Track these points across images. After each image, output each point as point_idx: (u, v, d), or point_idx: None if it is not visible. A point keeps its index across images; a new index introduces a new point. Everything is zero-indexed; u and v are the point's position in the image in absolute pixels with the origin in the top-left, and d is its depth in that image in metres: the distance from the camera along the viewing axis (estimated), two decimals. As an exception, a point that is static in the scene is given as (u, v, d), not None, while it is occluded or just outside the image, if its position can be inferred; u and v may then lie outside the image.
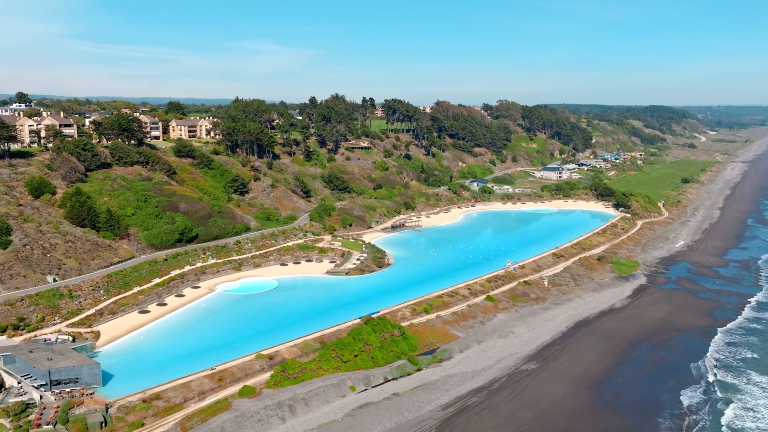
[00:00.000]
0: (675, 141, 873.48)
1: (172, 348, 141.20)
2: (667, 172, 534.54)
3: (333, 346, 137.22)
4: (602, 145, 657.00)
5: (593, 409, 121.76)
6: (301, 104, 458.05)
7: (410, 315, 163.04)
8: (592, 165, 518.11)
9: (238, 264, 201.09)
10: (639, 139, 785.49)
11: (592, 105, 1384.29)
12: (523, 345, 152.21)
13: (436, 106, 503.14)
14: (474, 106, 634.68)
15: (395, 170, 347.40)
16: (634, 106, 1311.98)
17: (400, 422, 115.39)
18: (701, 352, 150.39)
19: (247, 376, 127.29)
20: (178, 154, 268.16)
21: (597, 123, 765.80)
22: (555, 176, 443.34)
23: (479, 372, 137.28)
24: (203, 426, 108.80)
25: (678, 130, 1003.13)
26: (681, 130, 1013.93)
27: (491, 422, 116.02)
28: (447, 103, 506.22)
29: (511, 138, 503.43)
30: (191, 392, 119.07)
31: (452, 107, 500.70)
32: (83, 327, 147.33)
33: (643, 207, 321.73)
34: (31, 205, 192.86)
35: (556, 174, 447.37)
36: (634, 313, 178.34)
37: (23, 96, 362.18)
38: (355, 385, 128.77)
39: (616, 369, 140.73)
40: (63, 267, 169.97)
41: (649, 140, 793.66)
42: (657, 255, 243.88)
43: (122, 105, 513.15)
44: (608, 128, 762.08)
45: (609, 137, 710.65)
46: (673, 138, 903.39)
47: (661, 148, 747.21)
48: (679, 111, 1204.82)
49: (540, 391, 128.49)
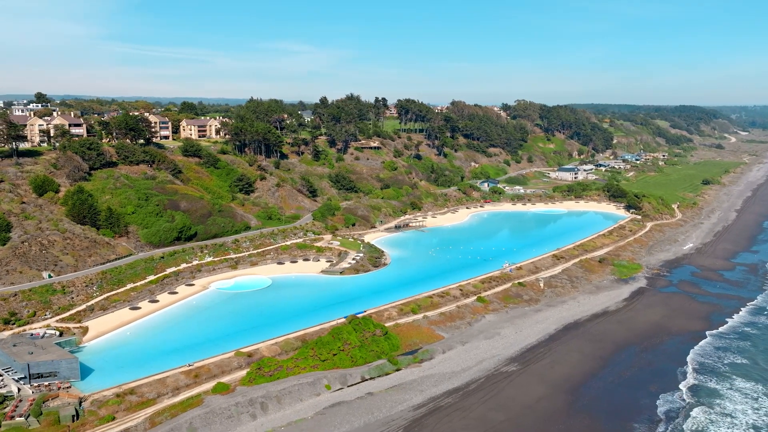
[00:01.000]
0: (702, 142, 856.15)
1: (156, 344, 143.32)
2: (689, 173, 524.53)
3: (312, 345, 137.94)
4: (623, 146, 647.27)
5: (568, 413, 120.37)
6: (312, 104, 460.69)
7: (397, 315, 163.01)
8: (611, 166, 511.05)
9: (234, 262, 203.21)
10: (664, 140, 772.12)
11: (621, 105, 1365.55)
12: (507, 347, 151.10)
13: (451, 106, 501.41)
14: (493, 106, 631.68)
15: (404, 170, 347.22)
16: (664, 106, 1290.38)
17: (369, 422, 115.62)
18: (692, 357, 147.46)
19: (224, 373, 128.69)
20: (185, 154, 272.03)
21: (620, 123, 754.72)
22: (570, 177, 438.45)
23: (458, 373, 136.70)
24: (172, 421, 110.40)
25: (707, 130, 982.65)
26: (710, 131, 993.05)
27: (461, 423, 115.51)
28: (462, 103, 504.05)
29: (527, 138, 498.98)
30: (166, 388, 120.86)
31: (467, 107, 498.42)
32: (72, 322, 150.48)
33: (655, 209, 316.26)
34: (34, 202, 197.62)
35: (572, 175, 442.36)
36: (628, 316, 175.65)
37: (42, 96, 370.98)
38: (331, 384, 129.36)
39: (598, 372, 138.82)
40: (59, 263, 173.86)
41: (674, 141, 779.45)
42: (662, 258, 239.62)
43: (143, 105, 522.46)
44: (631, 128, 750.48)
45: (632, 137, 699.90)
46: (701, 138, 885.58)
47: (687, 149, 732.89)
48: (709, 111, 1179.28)
49: (516, 394, 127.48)
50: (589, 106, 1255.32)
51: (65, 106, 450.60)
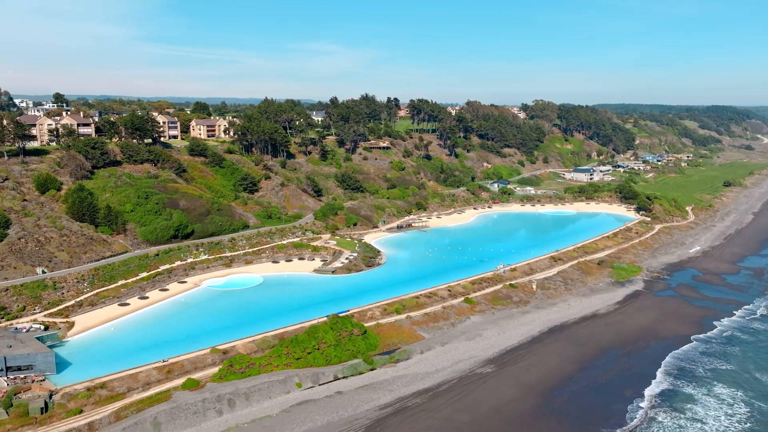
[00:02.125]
0: (732, 143, 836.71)
1: (138, 340, 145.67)
2: (712, 174, 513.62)
3: (287, 344, 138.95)
4: (646, 147, 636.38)
5: (536, 416, 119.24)
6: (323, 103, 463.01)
7: (380, 315, 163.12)
8: (630, 167, 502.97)
9: (229, 260, 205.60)
10: (690, 141, 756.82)
11: (652, 105, 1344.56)
12: (486, 348, 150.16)
13: (466, 106, 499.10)
14: (512, 106, 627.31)
15: (412, 170, 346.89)
16: (695, 106, 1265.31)
17: (332, 420, 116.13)
18: (672, 361, 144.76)
19: (197, 370, 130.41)
20: (191, 153, 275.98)
21: (644, 124, 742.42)
22: (585, 178, 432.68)
23: (431, 374, 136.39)
24: (137, 416, 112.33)
25: (737, 131, 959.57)
26: (741, 132, 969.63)
27: (424, 424, 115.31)
28: (477, 103, 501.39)
29: (543, 139, 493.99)
30: (137, 383, 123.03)
31: (483, 107, 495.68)
32: (60, 317, 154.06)
33: (666, 211, 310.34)
34: (36, 200, 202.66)
35: (587, 176, 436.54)
36: (617, 319, 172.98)
37: (60, 96, 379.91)
38: (302, 382, 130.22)
39: (575, 376, 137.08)
40: (54, 260, 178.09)
41: (701, 141, 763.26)
42: (665, 260, 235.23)
43: (165, 105, 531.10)
44: (656, 129, 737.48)
45: (655, 138, 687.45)
46: (731, 139, 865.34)
47: (713, 150, 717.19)
48: (742, 111, 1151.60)
49: (486, 396, 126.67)
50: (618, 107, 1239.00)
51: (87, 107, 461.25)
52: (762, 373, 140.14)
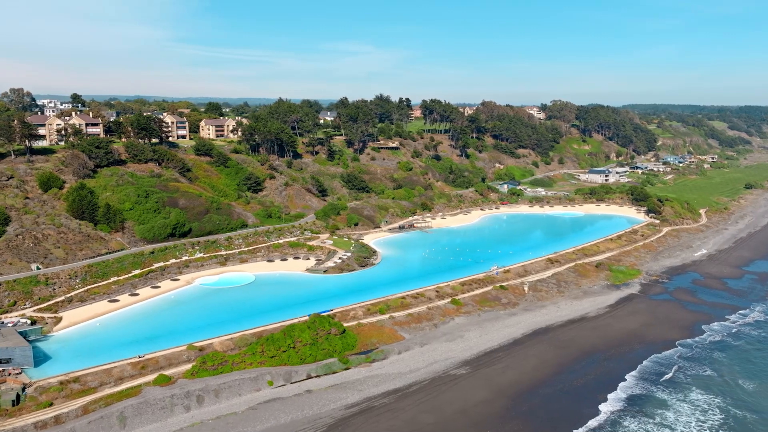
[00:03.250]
0: (762, 144, 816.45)
1: (121, 336, 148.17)
2: (735, 176, 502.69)
3: (262, 342, 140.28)
4: (669, 148, 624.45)
5: (502, 418, 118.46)
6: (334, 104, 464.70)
7: (362, 314, 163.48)
8: (649, 168, 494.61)
9: (224, 259, 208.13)
10: (717, 142, 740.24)
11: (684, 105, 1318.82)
12: (465, 350, 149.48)
13: (481, 107, 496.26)
14: (532, 106, 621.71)
15: (420, 171, 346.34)
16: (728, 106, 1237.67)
17: (296, 418, 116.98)
18: (651, 366, 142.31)
19: (171, 366, 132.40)
20: (197, 153, 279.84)
21: (669, 124, 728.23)
22: (600, 179, 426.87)
23: (404, 374, 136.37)
24: (104, 410, 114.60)
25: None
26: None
27: (387, 424, 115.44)
28: (492, 103, 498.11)
29: (559, 139, 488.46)
30: (110, 378, 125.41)
31: (498, 107, 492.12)
32: (49, 312, 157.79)
33: (677, 213, 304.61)
34: (39, 198, 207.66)
35: (602, 177, 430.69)
36: (605, 323, 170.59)
37: (77, 96, 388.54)
38: (274, 380, 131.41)
39: (550, 379, 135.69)
40: (49, 256, 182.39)
41: (728, 143, 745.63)
42: (667, 264, 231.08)
43: (185, 105, 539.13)
44: (681, 130, 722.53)
45: (680, 139, 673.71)
46: (761, 140, 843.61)
47: (741, 152, 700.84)
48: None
49: (455, 397, 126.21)
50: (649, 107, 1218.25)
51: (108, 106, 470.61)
52: (745, 379, 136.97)
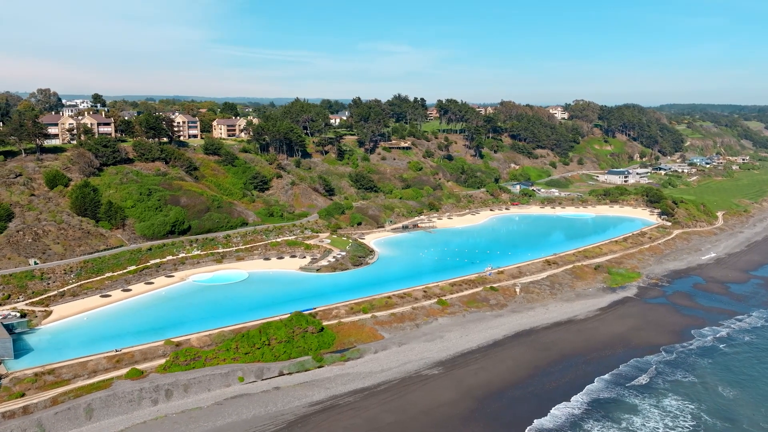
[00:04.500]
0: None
1: (105, 330, 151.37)
2: (764, 178, 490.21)
3: (237, 338, 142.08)
4: (697, 149, 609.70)
5: (464, 420, 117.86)
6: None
7: (345, 313, 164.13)
8: (673, 169, 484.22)
9: (220, 256, 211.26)
10: (751, 142, 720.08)
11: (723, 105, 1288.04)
12: (441, 351, 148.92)
13: (500, 106, 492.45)
14: (556, 106, 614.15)
15: (430, 171, 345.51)
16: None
17: (258, 414, 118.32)
18: (628, 370, 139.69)
19: (146, 360, 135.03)
20: (206, 152, 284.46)
21: (699, 125, 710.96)
22: (619, 180, 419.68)
23: (375, 373, 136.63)
24: (73, 401, 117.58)
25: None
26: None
27: (347, 422, 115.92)
28: (511, 103, 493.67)
29: (579, 140, 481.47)
30: (84, 371, 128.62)
31: (516, 107, 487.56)
32: (40, 306, 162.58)
33: (690, 215, 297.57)
34: (45, 195, 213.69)
35: (621, 178, 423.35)
36: (593, 326, 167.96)
37: (98, 97, 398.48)
38: (245, 377, 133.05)
39: (523, 381, 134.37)
40: (48, 252, 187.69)
41: (763, 143, 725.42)
42: (670, 267, 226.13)
43: (208, 105, 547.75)
44: (713, 130, 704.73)
45: (710, 140, 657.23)
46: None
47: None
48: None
49: (421, 397, 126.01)
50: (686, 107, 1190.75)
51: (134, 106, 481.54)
52: (725, 386, 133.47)
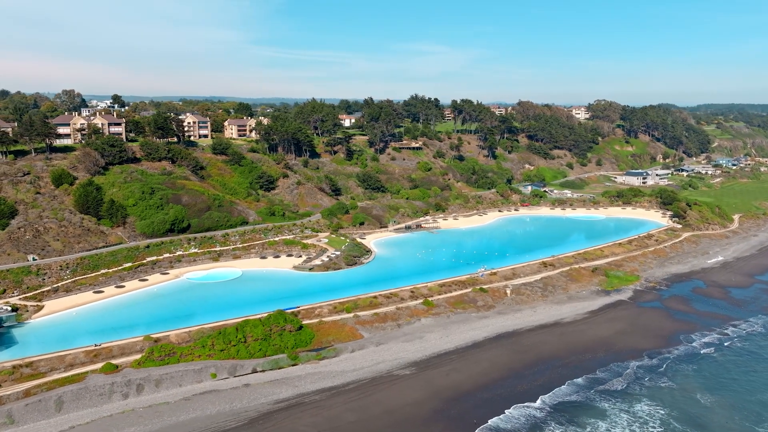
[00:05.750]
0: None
1: (92, 325, 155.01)
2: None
3: (214, 335, 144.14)
4: (725, 150, 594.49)
5: (425, 420, 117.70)
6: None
7: (327, 313, 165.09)
8: (696, 171, 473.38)
9: (217, 255, 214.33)
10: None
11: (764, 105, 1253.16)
12: (418, 351, 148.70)
13: (517, 106, 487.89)
14: (579, 106, 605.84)
15: (439, 171, 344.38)
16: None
17: (222, 410, 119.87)
18: (606, 375, 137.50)
19: (123, 355, 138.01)
20: (214, 151, 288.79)
21: (730, 125, 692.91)
22: (638, 182, 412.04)
23: (347, 372, 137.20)
24: (45, 394, 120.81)
25: None
26: None
27: (308, 420, 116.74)
28: (529, 103, 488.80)
29: (598, 140, 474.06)
30: (62, 364, 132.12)
31: (534, 107, 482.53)
32: (33, 300, 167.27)
33: (703, 218, 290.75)
34: (50, 193, 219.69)
35: (640, 179, 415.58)
36: (578, 329, 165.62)
37: (117, 97, 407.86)
38: (218, 373, 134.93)
39: (493, 383, 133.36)
40: (47, 248, 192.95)
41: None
42: (672, 270, 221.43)
43: (230, 105, 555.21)
44: (744, 131, 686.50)
45: (739, 141, 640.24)
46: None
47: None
48: None
49: (388, 397, 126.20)
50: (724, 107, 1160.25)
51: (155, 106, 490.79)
52: (704, 393, 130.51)
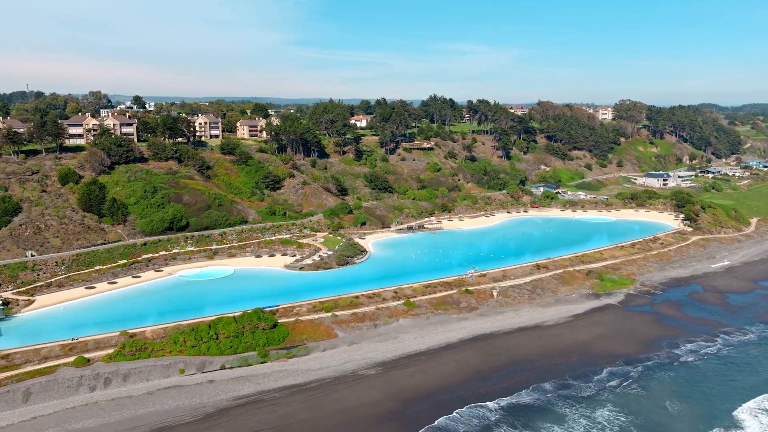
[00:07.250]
0: None
1: (77, 319, 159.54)
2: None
3: (186, 332, 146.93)
4: (758, 151, 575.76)
5: (379, 420, 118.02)
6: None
7: (305, 311, 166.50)
8: (723, 172, 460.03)
9: (212, 253, 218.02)
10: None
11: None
12: (389, 351, 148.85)
13: (537, 107, 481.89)
14: (605, 106, 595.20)
15: (449, 172, 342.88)
16: None
17: (181, 405, 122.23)
18: (572, 380, 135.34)
19: (98, 349, 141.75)
20: (222, 151, 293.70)
21: (766, 125, 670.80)
22: (658, 183, 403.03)
23: (313, 371, 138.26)
24: (14, 385, 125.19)
25: None
26: None
27: (261, 417, 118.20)
28: (549, 103, 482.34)
29: (620, 141, 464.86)
30: (36, 357, 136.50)
31: (554, 107, 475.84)
32: (25, 295, 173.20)
33: (715, 221, 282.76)
34: (56, 192, 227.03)
35: (660, 181, 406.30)
36: (557, 332, 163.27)
37: (138, 99, 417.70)
38: (187, 369, 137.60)
39: (457, 385, 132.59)
40: (45, 245, 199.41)
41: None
42: (672, 275, 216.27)
43: (251, 107, 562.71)
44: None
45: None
46: None
47: None
48: None
49: (346, 396, 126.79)
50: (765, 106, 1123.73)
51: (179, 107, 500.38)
52: (675, 400, 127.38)
